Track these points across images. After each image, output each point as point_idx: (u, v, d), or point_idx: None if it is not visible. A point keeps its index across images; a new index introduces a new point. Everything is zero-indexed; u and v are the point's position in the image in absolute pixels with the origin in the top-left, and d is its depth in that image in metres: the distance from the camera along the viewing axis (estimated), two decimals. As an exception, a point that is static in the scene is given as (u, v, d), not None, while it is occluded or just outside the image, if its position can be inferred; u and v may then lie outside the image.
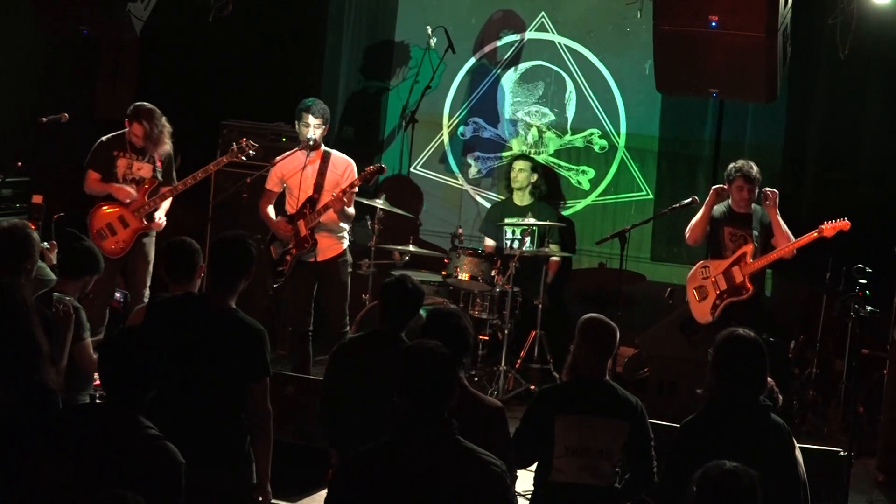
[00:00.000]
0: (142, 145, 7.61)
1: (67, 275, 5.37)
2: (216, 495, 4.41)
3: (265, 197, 7.59)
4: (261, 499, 4.63)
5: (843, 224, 6.84)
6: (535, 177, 9.00)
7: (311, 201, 7.41)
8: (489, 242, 8.99)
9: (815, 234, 6.89)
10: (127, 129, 7.63)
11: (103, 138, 7.79)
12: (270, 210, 7.57)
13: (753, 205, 7.41)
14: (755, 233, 7.36)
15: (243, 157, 7.65)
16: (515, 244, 8.56)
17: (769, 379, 4.73)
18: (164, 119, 7.65)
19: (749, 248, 7.23)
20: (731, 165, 7.48)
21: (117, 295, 7.24)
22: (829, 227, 6.87)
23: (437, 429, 3.39)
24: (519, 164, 9.02)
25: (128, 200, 7.58)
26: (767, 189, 7.25)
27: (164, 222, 7.71)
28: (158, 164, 7.68)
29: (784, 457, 4.33)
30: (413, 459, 3.36)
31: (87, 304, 7.97)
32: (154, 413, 3.68)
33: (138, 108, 7.63)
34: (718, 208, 7.46)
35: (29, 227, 5.11)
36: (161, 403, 3.93)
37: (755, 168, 7.39)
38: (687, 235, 7.62)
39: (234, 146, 7.64)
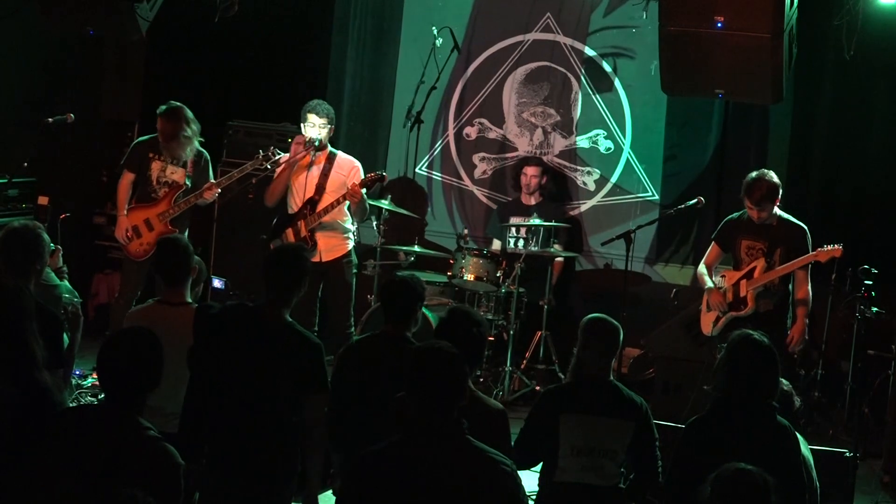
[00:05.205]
0: (165, 144, 7.60)
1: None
2: None
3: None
4: None
5: (836, 251, 6.73)
6: (545, 179, 9.03)
7: (312, 202, 7.42)
8: (496, 245, 8.97)
9: (812, 258, 6.81)
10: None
11: (140, 139, 7.80)
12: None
13: (777, 212, 6.95)
14: (771, 246, 6.90)
15: (268, 165, 7.58)
16: (520, 243, 8.53)
17: (786, 382, 4.74)
18: (187, 120, 7.57)
19: (760, 264, 6.90)
20: (746, 179, 6.91)
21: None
22: (824, 253, 6.77)
23: (447, 428, 3.40)
24: (531, 171, 8.99)
25: (119, 239, 7.64)
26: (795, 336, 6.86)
27: (216, 193, 7.65)
28: (191, 169, 7.66)
29: (786, 458, 4.33)
30: (423, 459, 3.37)
31: (113, 306, 7.93)
32: (211, 424, 3.64)
33: (165, 106, 7.60)
34: (737, 216, 7.07)
35: (40, 228, 5.08)
36: (217, 415, 3.91)
37: (766, 182, 6.80)
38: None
39: (260, 153, 7.59)
